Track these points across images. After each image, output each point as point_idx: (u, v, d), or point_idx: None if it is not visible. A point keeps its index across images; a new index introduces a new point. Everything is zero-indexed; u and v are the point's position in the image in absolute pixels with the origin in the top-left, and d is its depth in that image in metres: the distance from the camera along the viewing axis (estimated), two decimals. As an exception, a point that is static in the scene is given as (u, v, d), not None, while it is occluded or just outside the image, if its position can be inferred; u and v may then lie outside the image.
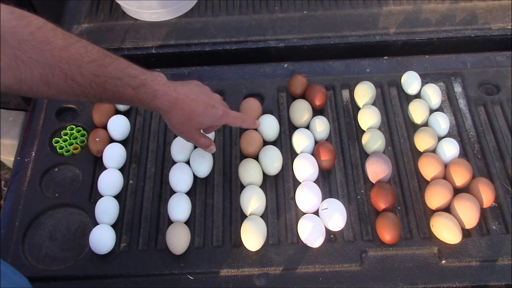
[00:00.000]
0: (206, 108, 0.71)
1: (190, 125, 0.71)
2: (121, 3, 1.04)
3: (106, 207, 0.77)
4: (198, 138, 0.75)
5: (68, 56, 0.55)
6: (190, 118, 0.70)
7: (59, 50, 0.54)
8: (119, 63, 0.62)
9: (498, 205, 0.78)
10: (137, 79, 0.64)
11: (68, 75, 0.56)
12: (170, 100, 0.67)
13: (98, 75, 0.59)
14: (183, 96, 0.69)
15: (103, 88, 0.60)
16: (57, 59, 0.54)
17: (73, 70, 0.56)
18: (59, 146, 0.86)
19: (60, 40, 0.55)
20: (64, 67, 0.55)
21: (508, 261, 0.72)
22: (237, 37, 1.01)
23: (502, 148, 0.83)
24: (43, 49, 0.53)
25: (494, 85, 0.92)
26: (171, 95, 0.67)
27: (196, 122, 0.71)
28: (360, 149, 0.85)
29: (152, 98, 0.66)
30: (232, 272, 0.73)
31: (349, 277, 0.71)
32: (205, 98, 0.72)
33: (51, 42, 0.54)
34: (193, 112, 0.70)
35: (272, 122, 0.86)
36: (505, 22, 1.00)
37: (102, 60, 0.59)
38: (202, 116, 0.71)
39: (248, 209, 0.76)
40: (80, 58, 0.57)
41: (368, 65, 0.96)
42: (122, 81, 0.62)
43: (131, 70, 0.63)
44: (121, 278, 0.73)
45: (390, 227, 0.73)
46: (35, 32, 0.53)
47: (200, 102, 0.70)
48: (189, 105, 0.69)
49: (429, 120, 0.86)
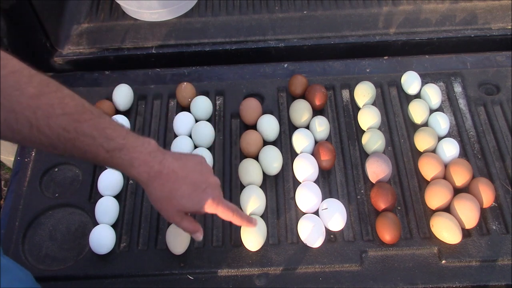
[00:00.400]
0: (193, 191, 0.62)
1: (169, 205, 0.62)
2: (121, 3, 1.04)
3: (106, 207, 0.77)
4: (179, 221, 0.65)
5: (36, 105, 0.51)
6: (171, 197, 0.61)
7: (28, 98, 0.51)
8: (99, 122, 0.57)
9: (498, 205, 0.78)
10: (113, 141, 0.57)
11: (34, 124, 0.52)
12: (150, 172, 0.60)
13: (68, 130, 0.54)
14: (169, 171, 0.61)
15: (72, 144, 0.55)
16: (23, 106, 0.51)
17: (40, 121, 0.52)
18: (59, 146, 0.86)
19: (32, 88, 0.51)
20: (30, 116, 0.51)
21: (508, 261, 0.72)
22: (237, 37, 1.01)
23: (502, 148, 0.83)
24: (11, 94, 0.50)
25: (494, 85, 0.92)
26: (152, 166, 0.60)
27: (177, 204, 0.62)
28: (360, 149, 0.85)
29: (127, 166, 0.59)
30: (232, 272, 0.73)
31: (349, 277, 0.71)
32: (197, 179, 0.63)
33: (21, 88, 0.51)
34: (175, 191, 0.61)
35: (272, 122, 0.86)
36: (505, 22, 1.00)
37: (78, 114, 0.55)
38: (186, 198, 0.62)
39: (248, 209, 0.76)
40: (51, 109, 0.52)
41: (368, 65, 0.96)
42: (95, 141, 0.56)
43: (111, 132, 0.57)
44: (121, 278, 0.73)
45: (390, 227, 0.73)
46: (7, 75, 0.50)
47: (188, 182, 0.62)
48: (174, 182, 0.61)
49: (429, 120, 0.86)
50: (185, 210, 0.63)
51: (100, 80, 0.97)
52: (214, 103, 0.91)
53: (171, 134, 0.87)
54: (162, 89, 0.93)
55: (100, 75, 0.97)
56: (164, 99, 0.92)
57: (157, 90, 0.93)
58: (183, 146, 0.83)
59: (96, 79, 0.97)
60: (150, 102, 0.92)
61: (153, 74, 0.97)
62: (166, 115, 0.90)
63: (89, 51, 1.01)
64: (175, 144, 0.84)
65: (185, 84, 0.91)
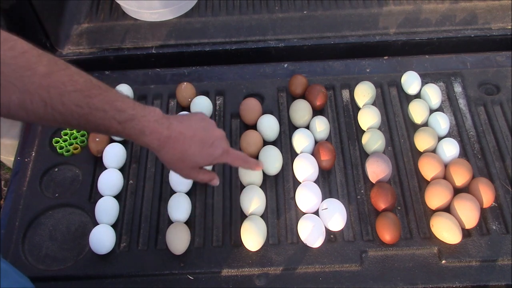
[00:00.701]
0: (202, 148, 0.66)
1: (184, 164, 0.66)
2: (121, 3, 1.04)
3: (106, 207, 0.77)
4: (195, 176, 0.69)
5: (48, 83, 0.53)
6: (183, 158, 0.65)
7: (40, 77, 0.52)
8: (108, 95, 0.58)
9: (498, 205, 0.78)
10: (124, 113, 0.59)
11: (48, 103, 0.53)
12: (160, 138, 0.63)
13: (81, 106, 0.55)
14: (177, 134, 0.64)
15: (85, 119, 0.57)
16: (37, 86, 0.52)
17: (53, 99, 0.53)
18: (59, 146, 0.86)
19: (43, 66, 0.52)
20: (43, 94, 0.52)
21: (508, 261, 0.72)
22: (237, 37, 1.01)
23: (502, 148, 0.83)
24: (23, 75, 0.51)
25: (494, 85, 0.92)
26: (161, 133, 0.63)
27: (191, 162, 0.66)
28: (360, 149, 0.85)
29: (139, 135, 0.61)
30: (232, 272, 0.73)
31: (349, 277, 0.71)
32: (204, 136, 0.66)
33: (32, 68, 0.51)
34: (186, 152, 0.65)
35: (272, 122, 0.86)
36: (505, 22, 1.00)
37: (88, 90, 0.56)
38: (197, 155, 0.66)
39: (248, 209, 0.76)
40: (63, 86, 0.54)
41: (368, 65, 0.96)
42: (107, 114, 0.58)
43: (120, 104, 0.59)
44: (121, 278, 0.73)
45: (390, 227, 0.73)
46: (17, 57, 0.51)
47: (196, 140, 0.65)
48: (183, 144, 0.64)
49: (429, 120, 0.86)
50: (198, 166, 0.68)
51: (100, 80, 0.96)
52: (214, 103, 0.91)
53: (171, 134, 0.87)
54: (162, 89, 0.93)
55: (100, 75, 0.97)
56: (164, 99, 0.92)
57: (157, 90, 0.93)
58: (183, 146, 0.83)
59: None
60: (150, 102, 0.92)
61: (153, 74, 0.97)
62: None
63: (89, 51, 1.01)
64: (175, 144, 0.84)
65: (185, 84, 0.91)
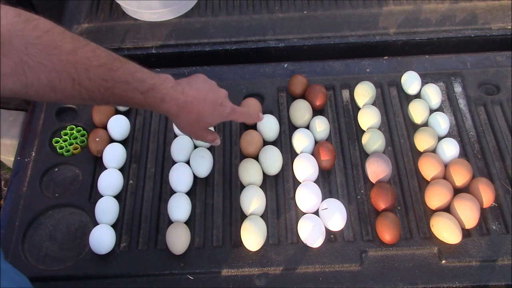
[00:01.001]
0: (214, 108, 0.70)
1: (198, 126, 0.71)
2: (121, 3, 1.04)
3: (106, 207, 0.77)
4: (206, 136, 0.74)
5: (75, 60, 0.54)
6: (199, 119, 0.69)
7: (67, 54, 0.53)
8: (128, 67, 0.61)
9: (498, 205, 0.78)
10: (146, 83, 0.62)
11: (76, 79, 0.54)
12: (178, 103, 0.66)
13: (106, 80, 0.57)
14: (191, 99, 0.67)
15: (111, 92, 0.59)
16: (65, 63, 0.53)
17: (81, 75, 0.55)
18: (59, 146, 0.86)
19: (68, 43, 0.53)
20: (71, 71, 0.54)
21: (508, 261, 0.72)
22: (237, 37, 1.01)
23: (502, 148, 0.83)
24: (50, 53, 0.52)
25: (494, 85, 0.92)
26: (179, 99, 0.66)
27: (204, 123, 0.71)
28: (360, 149, 0.85)
29: (160, 103, 0.65)
30: (232, 272, 0.73)
31: (349, 277, 0.71)
32: (213, 97, 0.70)
33: (58, 46, 0.52)
34: (201, 114, 0.69)
35: (272, 122, 0.86)
36: (505, 22, 1.00)
37: (111, 64, 0.58)
38: (210, 116, 0.70)
39: (248, 209, 0.76)
40: (88, 62, 0.55)
41: (368, 65, 0.96)
42: (130, 86, 0.60)
43: (140, 74, 0.62)
44: (121, 278, 0.73)
45: (390, 227, 0.73)
46: (42, 36, 0.51)
47: (208, 102, 0.69)
48: (197, 107, 0.68)
49: (429, 120, 0.86)
50: (211, 125, 0.73)
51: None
52: (214, 103, 0.91)
53: (171, 134, 0.87)
54: (162, 89, 0.93)
55: (100, 75, 0.97)
56: (164, 99, 0.92)
57: (157, 90, 0.93)
58: (183, 146, 0.83)
59: (96, 79, 0.97)
60: (150, 102, 0.92)
61: (153, 74, 0.97)
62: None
63: (89, 51, 1.01)
64: (175, 144, 0.84)
65: (185, 84, 0.91)
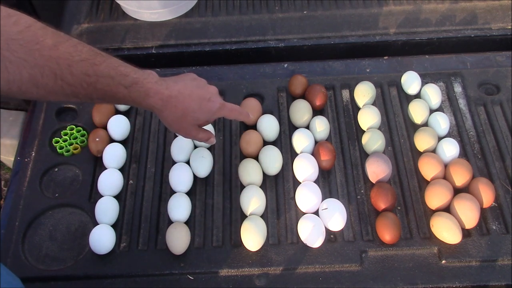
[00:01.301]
0: (201, 103, 0.69)
1: (185, 122, 0.69)
2: (121, 3, 1.04)
3: (106, 207, 0.77)
4: (196, 134, 0.73)
5: (57, 55, 0.53)
6: (185, 115, 0.68)
7: (49, 50, 0.52)
8: (111, 62, 0.60)
9: (498, 205, 0.78)
10: (129, 77, 0.62)
11: (58, 75, 0.54)
12: (163, 98, 0.65)
13: (89, 75, 0.57)
14: (176, 93, 0.67)
15: (94, 87, 0.58)
16: (46, 58, 0.52)
17: (63, 70, 0.54)
18: (59, 146, 0.86)
19: (49, 39, 0.53)
20: (53, 67, 0.53)
21: (508, 261, 0.72)
22: (237, 37, 1.01)
23: (502, 148, 0.83)
24: (32, 49, 0.51)
25: (494, 85, 0.92)
26: (163, 93, 0.65)
27: (192, 118, 0.69)
28: (360, 149, 0.85)
29: (144, 97, 0.64)
30: (232, 272, 0.73)
31: (349, 277, 0.71)
32: (200, 93, 0.69)
33: (40, 41, 0.52)
34: (187, 109, 0.68)
35: (272, 122, 0.86)
36: (505, 22, 1.00)
37: (93, 58, 0.57)
38: (198, 112, 0.69)
39: (248, 209, 0.76)
40: (70, 57, 0.55)
41: (368, 65, 0.96)
42: (114, 80, 0.60)
43: (123, 69, 0.61)
44: (121, 278, 0.73)
45: (390, 227, 0.73)
46: (23, 31, 0.51)
47: (194, 97, 0.68)
48: (183, 102, 0.67)
49: (429, 120, 0.86)
50: (199, 122, 0.71)
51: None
52: (214, 103, 0.91)
53: (171, 134, 0.87)
54: (162, 89, 0.93)
55: (100, 75, 0.97)
56: (164, 99, 0.92)
57: (157, 90, 0.93)
58: (183, 146, 0.83)
59: (96, 79, 0.97)
60: (150, 102, 0.92)
61: (153, 74, 0.97)
62: (166, 115, 0.90)
63: (89, 51, 1.00)
64: (175, 144, 0.84)
65: (185, 84, 0.91)
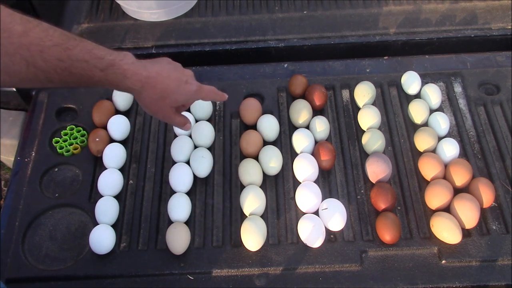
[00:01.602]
0: (179, 85, 0.68)
1: (164, 104, 0.68)
2: (121, 3, 1.04)
3: (106, 207, 0.77)
4: (173, 117, 0.72)
5: (28, 41, 0.52)
6: (164, 96, 0.67)
7: (18, 37, 0.51)
8: (84, 45, 0.59)
9: (498, 205, 0.78)
10: (104, 60, 0.60)
11: (30, 62, 0.53)
12: (141, 79, 0.64)
13: (62, 60, 0.56)
14: (155, 74, 0.65)
15: (69, 72, 0.57)
16: (16, 46, 0.51)
17: (35, 57, 0.53)
18: (59, 146, 0.86)
19: (18, 25, 0.51)
20: (24, 54, 0.52)
21: (508, 261, 0.72)
22: (237, 37, 1.01)
23: (502, 148, 0.83)
24: (1, 37, 0.50)
25: (494, 85, 0.92)
26: (141, 74, 0.64)
27: (170, 100, 0.68)
28: (360, 149, 0.85)
29: (121, 79, 0.63)
30: (232, 272, 0.73)
31: (349, 277, 0.71)
32: (177, 75, 0.69)
33: (8, 28, 0.50)
34: (166, 90, 0.67)
35: (272, 122, 0.86)
36: (505, 22, 1.00)
37: (65, 43, 0.56)
38: (176, 93, 0.68)
39: (248, 209, 0.76)
40: (42, 43, 0.53)
41: (368, 65, 0.96)
42: (88, 64, 0.59)
43: (98, 51, 0.60)
44: (121, 278, 0.73)
45: (390, 227, 0.73)
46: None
47: (172, 79, 0.67)
48: (162, 82, 0.66)
49: (429, 120, 0.86)
50: (177, 104, 0.71)
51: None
52: (214, 103, 0.91)
53: (171, 134, 0.88)
54: (162, 89, 0.93)
55: (100, 75, 0.97)
56: (164, 99, 0.92)
57: (157, 90, 0.93)
58: (183, 146, 0.83)
59: (96, 79, 0.97)
60: (150, 102, 0.92)
61: (153, 74, 0.97)
62: (166, 115, 0.90)
63: (89, 51, 1.00)
64: (175, 144, 0.84)
65: (185, 84, 0.91)
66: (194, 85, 0.71)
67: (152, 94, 0.66)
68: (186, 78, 0.70)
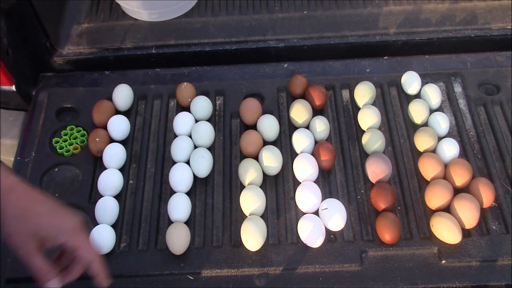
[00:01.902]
0: (53, 212, 0.53)
1: (22, 228, 0.51)
2: (121, 3, 1.04)
3: (106, 207, 0.77)
4: (30, 252, 0.52)
5: None
6: (26, 215, 0.51)
7: None
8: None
9: (498, 205, 0.78)
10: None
11: None
12: (6, 181, 0.51)
13: None
14: (26, 186, 0.52)
15: None
16: None
17: None
18: (59, 146, 0.86)
19: None
20: None
21: (508, 261, 0.72)
22: (237, 37, 1.01)
23: (502, 148, 0.83)
24: None
25: (494, 85, 0.92)
26: (8, 176, 0.52)
27: (33, 224, 0.51)
28: (360, 149, 0.85)
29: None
30: (232, 272, 0.73)
31: (349, 277, 0.71)
32: (58, 204, 0.55)
33: None
34: (31, 209, 0.51)
35: (272, 122, 0.86)
36: (505, 22, 1.00)
37: None
38: (44, 217, 0.52)
39: (248, 209, 0.76)
40: None
41: (368, 65, 0.96)
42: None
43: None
44: (121, 278, 0.72)
45: (390, 227, 0.73)
46: None
47: (48, 202, 0.53)
48: (31, 199, 0.52)
49: (429, 120, 0.86)
50: (41, 234, 0.52)
51: (100, 80, 0.97)
52: (214, 103, 0.91)
53: (171, 134, 0.87)
54: (162, 89, 0.93)
55: (100, 75, 0.97)
56: (164, 99, 0.92)
57: (157, 90, 0.93)
58: (183, 146, 0.83)
59: (96, 79, 0.97)
60: (150, 102, 0.92)
61: (153, 74, 0.97)
62: (166, 115, 0.90)
63: (89, 51, 1.01)
64: (175, 144, 0.84)
65: (185, 84, 0.91)
66: (74, 220, 0.54)
67: (11, 208, 0.51)
68: (68, 210, 0.56)
